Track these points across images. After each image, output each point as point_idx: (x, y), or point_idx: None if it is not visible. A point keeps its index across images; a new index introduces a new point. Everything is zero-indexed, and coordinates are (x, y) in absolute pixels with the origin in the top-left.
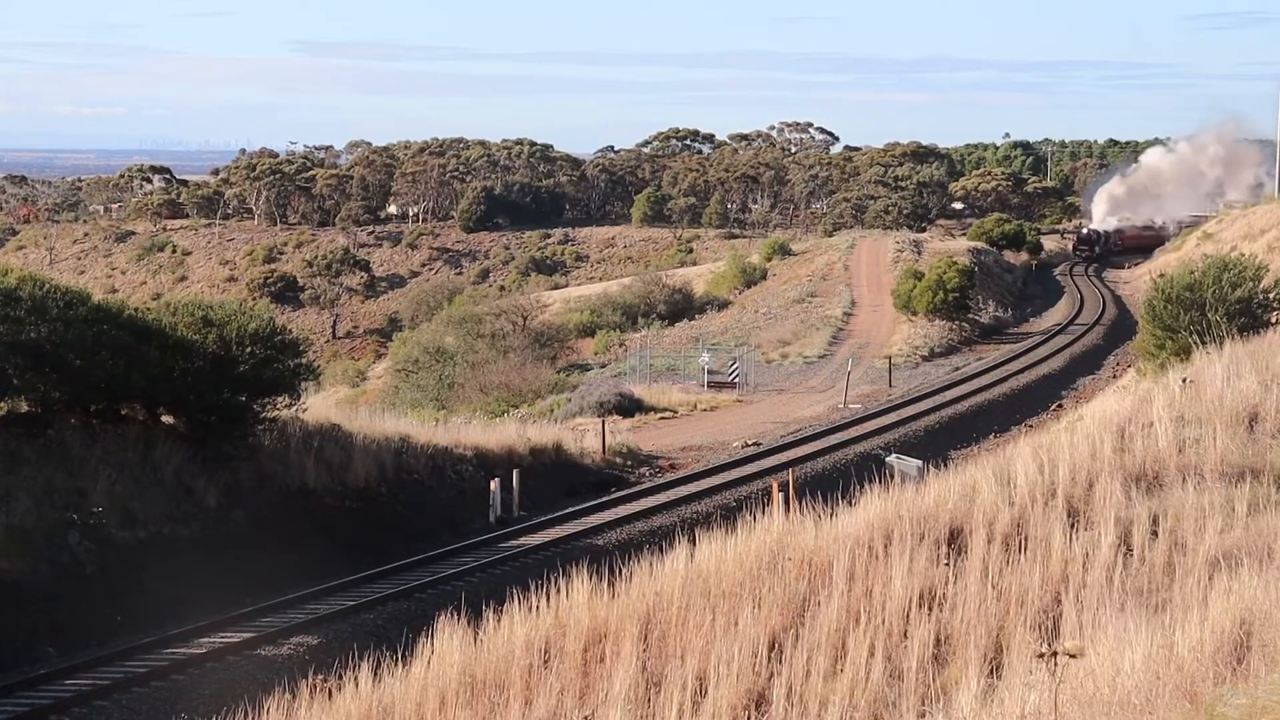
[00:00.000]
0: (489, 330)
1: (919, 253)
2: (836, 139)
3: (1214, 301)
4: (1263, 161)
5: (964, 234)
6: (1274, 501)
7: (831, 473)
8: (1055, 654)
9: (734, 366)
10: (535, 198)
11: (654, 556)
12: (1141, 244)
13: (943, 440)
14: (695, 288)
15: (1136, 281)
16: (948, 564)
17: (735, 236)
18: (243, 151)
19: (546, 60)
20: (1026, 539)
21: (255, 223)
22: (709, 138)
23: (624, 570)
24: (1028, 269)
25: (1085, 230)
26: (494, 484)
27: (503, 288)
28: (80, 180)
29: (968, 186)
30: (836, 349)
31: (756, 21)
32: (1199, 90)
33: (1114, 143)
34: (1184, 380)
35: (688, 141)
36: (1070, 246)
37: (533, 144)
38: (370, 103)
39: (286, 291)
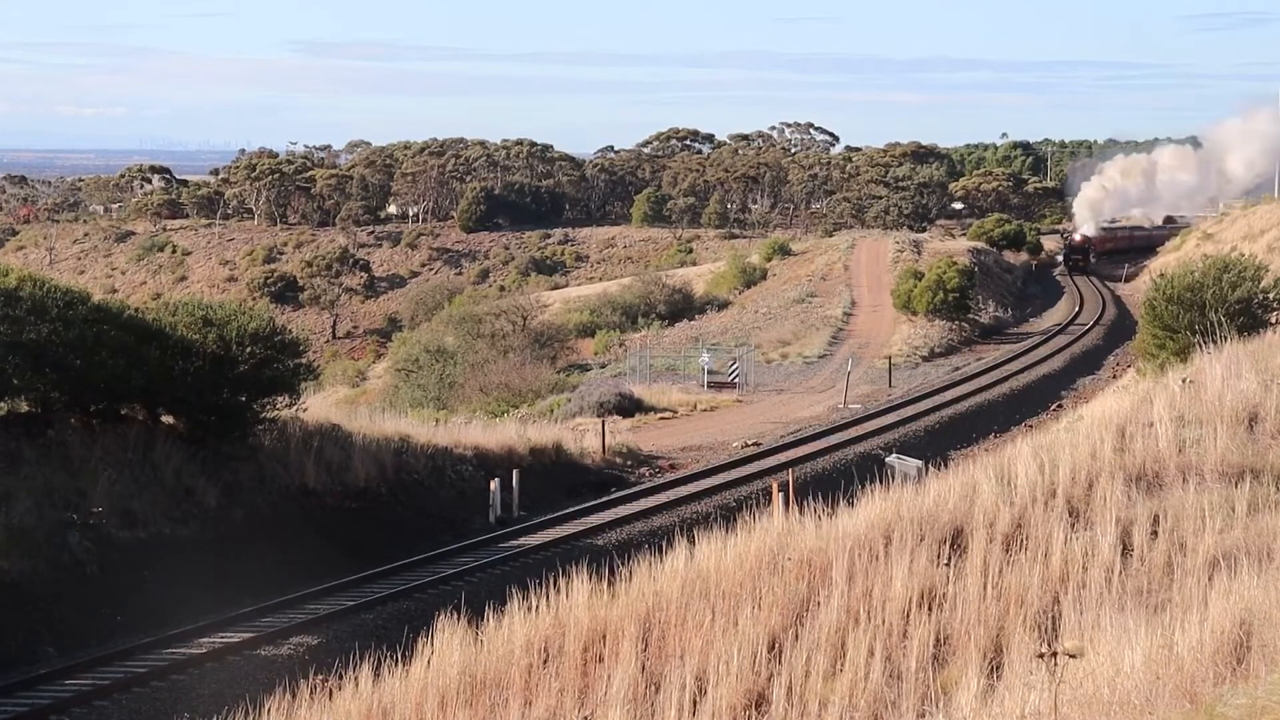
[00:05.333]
0: (489, 330)
1: (919, 253)
2: (836, 139)
3: (1214, 302)
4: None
5: (964, 234)
6: (1274, 501)
7: (831, 473)
8: (1055, 654)
9: (734, 366)
10: (535, 198)
11: (654, 557)
12: (1124, 247)
13: (943, 440)
14: (695, 288)
15: (1136, 283)
16: (948, 564)
17: (735, 236)
18: (243, 151)
19: (546, 60)
20: (1026, 539)
21: (255, 223)
22: (709, 138)
23: (624, 570)
24: (1027, 269)
25: (1078, 237)
26: (494, 484)
27: (503, 288)
28: (80, 180)
29: (968, 186)
30: (836, 349)
31: (756, 21)
32: (1199, 90)
33: (1114, 142)
34: (1184, 380)
35: (688, 141)
36: (1061, 255)
37: (533, 144)
38: (370, 103)
39: (286, 291)
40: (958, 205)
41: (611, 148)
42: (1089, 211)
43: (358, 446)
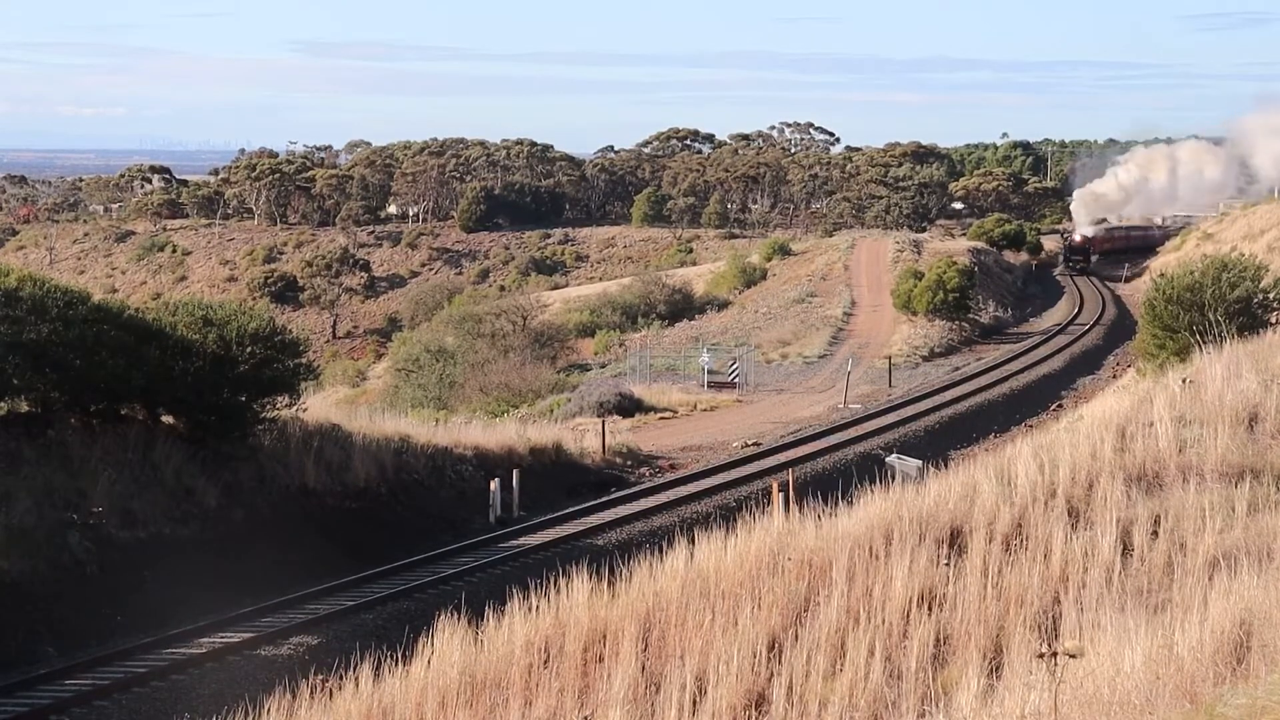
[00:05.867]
0: (489, 330)
1: (919, 253)
2: (836, 139)
3: (1214, 301)
4: None
5: (964, 234)
6: (1274, 501)
7: (831, 473)
8: (1055, 654)
9: (734, 366)
10: (535, 198)
11: (654, 556)
12: (1123, 247)
13: (943, 440)
14: (695, 288)
15: (1137, 282)
16: (948, 564)
17: (735, 236)
18: (243, 151)
19: (546, 60)
20: (1026, 539)
21: (255, 223)
22: (709, 138)
23: (624, 570)
24: (1027, 269)
25: (1078, 237)
26: (494, 484)
27: (503, 288)
28: (80, 180)
29: (968, 186)
30: (836, 349)
31: (756, 21)
32: (1199, 90)
33: (1113, 142)
34: (1184, 380)
35: (688, 141)
36: (1061, 256)
37: (533, 144)
38: (370, 103)
39: (286, 291)
40: (958, 205)
41: (611, 148)
42: (1092, 209)
43: (358, 446)
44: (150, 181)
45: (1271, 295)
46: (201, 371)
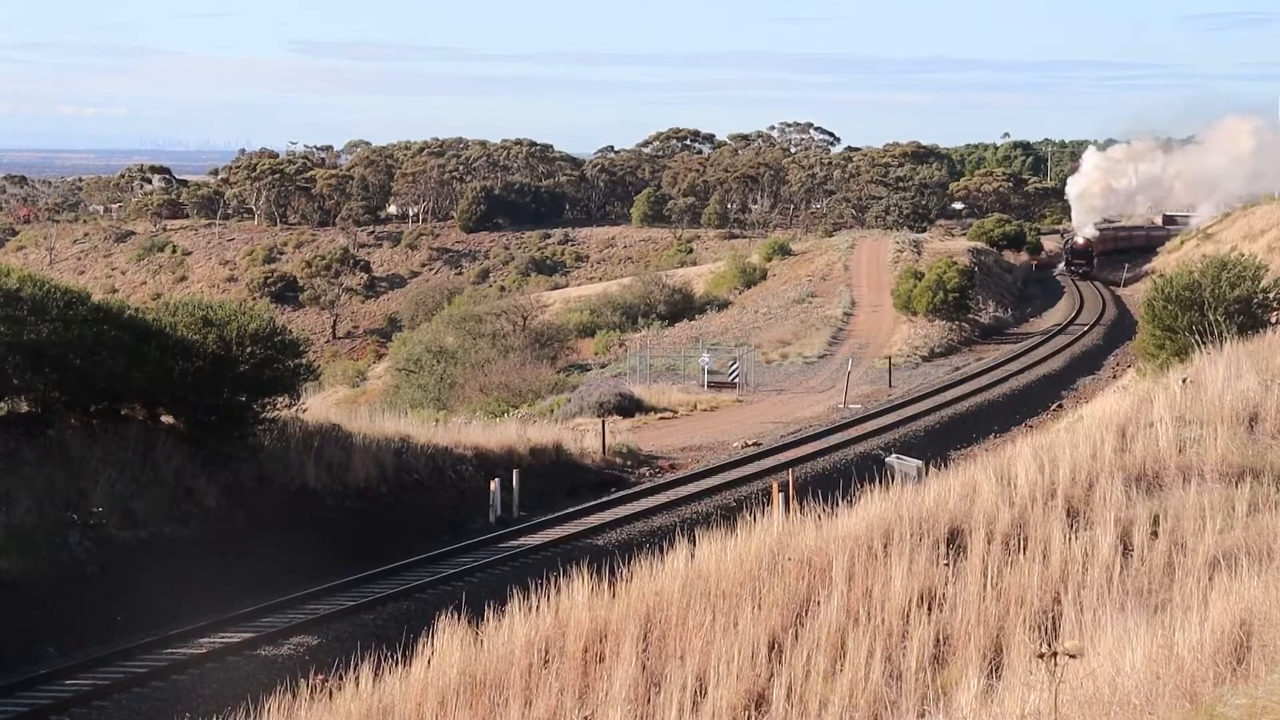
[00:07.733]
0: (489, 330)
1: (919, 253)
2: (837, 139)
3: (1213, 301)
4: None
5: (964, 234)
6: (1274, 501)
7: (831, 473)
8: (1055, 654)
9: (734, 366)
10: (535, 198)
11: (654, 556)
12: (1124, 247)
13: (943, 440)
14: (695, 288)
15: (1138, 282)
16: (948, 564)
17: (735, 236)
18: (243, 151)
19: (546, 60)
20: (1026, 539)
21: (255, 223)
22: (709, 138)
23: (624, 570)
24: (1028, 269)
25: (1080, 240)
26: (494, 484)
27: (503, 288)
28: (80, 180)
29: (969, 186)
30: (836, 349)
31: (756, 22)
32: (1198, 90)
33: (1113, 142)
34: (1184, 380)
35: (688, 141)
36: (1063, 260)
37: (532, 144)
38: (370, 103)
39: (286, 291)
40: (958, 205)
41: (611, 148)
42: (1091, 208)
43: (358, 446)
44: (150, 181)
45: (1271, 295)
46: (201, 371)
